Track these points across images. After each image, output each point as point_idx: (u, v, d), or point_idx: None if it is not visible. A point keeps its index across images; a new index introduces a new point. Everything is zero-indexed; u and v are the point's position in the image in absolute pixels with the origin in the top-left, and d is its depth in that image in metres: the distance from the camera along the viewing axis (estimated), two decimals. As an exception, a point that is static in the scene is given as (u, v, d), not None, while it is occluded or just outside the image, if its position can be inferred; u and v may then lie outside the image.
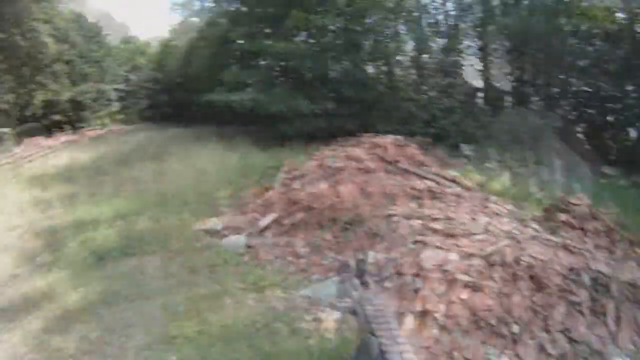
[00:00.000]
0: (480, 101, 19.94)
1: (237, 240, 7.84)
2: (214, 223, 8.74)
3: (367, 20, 22.04)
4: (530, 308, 5.13)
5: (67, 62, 25.33)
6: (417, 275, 5.59)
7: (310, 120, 18.19)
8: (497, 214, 7.49)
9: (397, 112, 18.57)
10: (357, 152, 9.20)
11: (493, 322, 4.92)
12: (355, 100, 20.16)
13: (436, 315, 5.01)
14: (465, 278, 5.34)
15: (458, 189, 8.54)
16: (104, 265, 7.13)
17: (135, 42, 37.33)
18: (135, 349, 4.93)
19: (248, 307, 5.70)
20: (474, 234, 6.47)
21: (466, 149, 16.13)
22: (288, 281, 6.47)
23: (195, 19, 27.03)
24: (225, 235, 8.14)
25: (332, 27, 19.99)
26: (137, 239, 7.99)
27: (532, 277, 5.44)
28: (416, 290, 5.37)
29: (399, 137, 10.06)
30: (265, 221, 8.14)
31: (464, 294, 5.22)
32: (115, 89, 31.18)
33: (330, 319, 5.29)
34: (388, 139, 9.66)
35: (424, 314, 5.08)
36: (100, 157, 16.77)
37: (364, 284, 1.21)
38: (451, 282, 5.38)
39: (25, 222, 9.11)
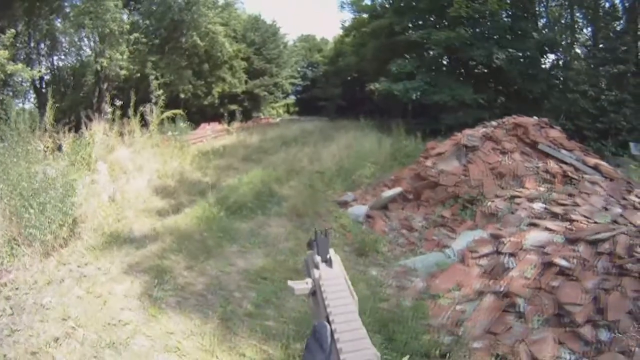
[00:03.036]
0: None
1: (359, 210, 8.19)
2: (348, 196, 9.34)
3: (540, 9, 21.23)
4: (630, 313, 4.16)
5: (244, 59, 27.88)
6: (513, 255, 5.33)
7: (473, 111, 18.00)
8: (636, 208, 6.65)
9: (566, 106, 17.32)
10: (497, 132, 9.01)
11: (579, 320, 4.16)
12: (522, 92, 19.54)
13: (518, 300, 4.60)
14: (563, 263, 4.76)
15: (597, 177, 7.83)
16: (232, 217, 7.96)
17: (310, 40, 39.21)
18: (224, 279, 5.59)
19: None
20: (597, 222, 5.82)
21: (635, 147, 14.53)
22: (394, 251, 6.71)
23: (364, 15, 27.62)
24: (351, 206, 8.58)
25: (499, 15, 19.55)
26: (271, 202, 8.89)
27: None
28: (506, 271, 5.09)
29: (544, 119, 9.56)
30: (387, 193, 8.39)
31: (556, 282, 4.63)
32: (292, 83, 33.20)
33: (415, 288, 5.37)
34: (530, 120, 9.25)
35: (505, 296, 4.72)
36: (266, 139, 18.53)
37: (327, 261, 1.11)
38: (546, 266, 4.88)
39: (179, 181, 10.36)
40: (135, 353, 4.02)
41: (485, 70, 21.10)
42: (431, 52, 19.73)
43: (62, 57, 22.10)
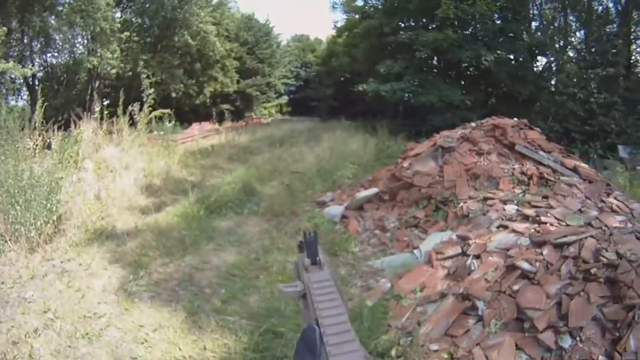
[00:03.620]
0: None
1: (335, 210, 8.33)
2: (327, 196, 9.52)
3: (534, 11, 21.41)
4: (596, 320, 3.96)
5: (237, 59, 28.09)
6: (477, 257, 5.25)
7: (461, 113, 18.10)
8: (613, 210, 6.38)
9: (555, 108, 17.56)
10: (475, 133, 8.99)
11: (539, 325, 4.01)
12: (512, 94, 19.69)
13: (477, 302, 4.50)
14: (525, 266, 4.64)
15: (575, 179, 7.60)
16: (212, 216, 8.28)
17: (304, 40, 39.33)
18: (196, 276, 5.90)
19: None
20: (569, 224, 5.57)
21: (624, 150, 14.76)
22: (365, 252, 6.86)
23: (356, 16, 27.76)
24: (329, 206, 8.75)
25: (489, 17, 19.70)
26: (250, 202, 9.17)
27: (611, 282, 4.20)
28: (470, 273, 5.00)
29: (523, 120, 9.47)
30: (362, 194, 8.55)
31: (517, 285, 4.49)
32: (285, 83, 33.38)
33: (380, 288, 5.48)
34: (509, 122, 9.19)
35: (465, 299, 4.64)
36: (255, 139, 18.87)
37: (317, 264, 1.12)
38: (509, 269, 4.75)
39: (164, 179, 10.66)
40: (106, 343, 4.29)
41: (474, 72, 21.30)
42: (419, 54, 19.78)
43: (56, 54, 22.24)
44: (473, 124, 9.61)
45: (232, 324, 4.55)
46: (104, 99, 11.55)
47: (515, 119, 9.44)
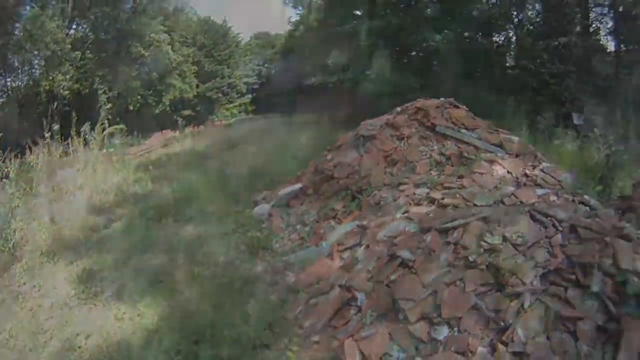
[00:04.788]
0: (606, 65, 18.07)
1: (263, 209, 8.86)
2: (262, 194, 9.88)
3: None
4: (476, 311, 3.97)
5: (195, 63, 28.36)
6: (367, 246, 5.45)
7: (414, 96, 18.19)
8: (537, 184, 6.52)
9: (507, 83, 18.09)
10: (399, 118, 8.94)
11: (412, 317, 4.04)
12: (466, 72, 20.00)
13: (357, 293, 4.67)
14: (405, 255, 4.67)
15: (499, 155, 7.61)
16: (153, 225, 8.91)
17: (264, 37, 39.32)
18: (130, 286, 6.58)
19: (231, 265, 6.94)
20: (476, 204, 5.64)
21: (578, 118, 15.32)
22: (285, 247, 7.42)
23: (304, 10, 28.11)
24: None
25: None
26: (190, 208, 9.67)
27: (496, 268, 4.18)
28: (358, 263, 5.17)
29: (449, 99, 9.30)
30: (284, 191, 9.02)
31: (395, 275, 4.52)
32: (246, 83, 33.57)
33: (285, 282, 6.02)
34: (434, 102, 9.09)
35: (347, 290, 4.83)
36: (213, 144, 19.23)
37: None
38: (391, 258, 4.81)
39: (116, 195, 11.15)
40: (49, 354, 5.19)
41: (424, 55, 21.69)
42: (364, 42, 20.03)
43: (15, 77, 22.40)
44: (398, 109, 9.62)
45: (150, 327, 5.40)
46: (56, 121, 11.94)
47: (442, 98, 9.49)
